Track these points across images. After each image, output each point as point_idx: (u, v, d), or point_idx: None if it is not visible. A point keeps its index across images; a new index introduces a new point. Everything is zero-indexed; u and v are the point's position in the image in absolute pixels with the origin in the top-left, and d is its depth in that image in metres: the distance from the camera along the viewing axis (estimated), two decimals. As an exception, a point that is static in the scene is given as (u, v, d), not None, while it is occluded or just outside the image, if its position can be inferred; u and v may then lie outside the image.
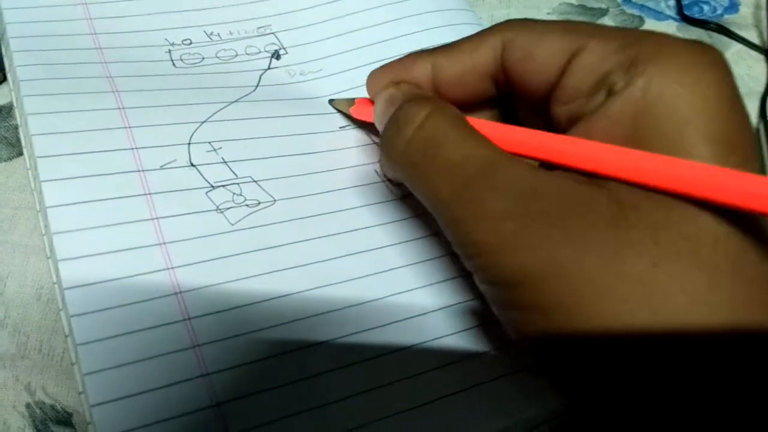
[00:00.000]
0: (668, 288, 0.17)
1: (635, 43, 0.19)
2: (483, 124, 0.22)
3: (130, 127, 0.25)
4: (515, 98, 0.25)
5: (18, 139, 0.27)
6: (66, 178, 0.23)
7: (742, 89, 0.37)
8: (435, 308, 0.24)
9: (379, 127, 0.24)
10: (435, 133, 0.21)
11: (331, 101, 0.29)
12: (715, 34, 0.39)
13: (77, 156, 0.24)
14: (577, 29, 0.21)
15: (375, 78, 0.25)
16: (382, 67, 0.25)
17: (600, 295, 0.17)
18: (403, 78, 0.24)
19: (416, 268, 0.25)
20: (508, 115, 0.25)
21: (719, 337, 0.17)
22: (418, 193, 0.21)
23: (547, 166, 0.20)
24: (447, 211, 0.20)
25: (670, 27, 0.40)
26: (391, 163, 0.22)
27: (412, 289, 0.24)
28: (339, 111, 0.29)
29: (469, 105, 0.24)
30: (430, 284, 0.25)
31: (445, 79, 0.23)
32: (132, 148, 0.24)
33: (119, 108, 0.25)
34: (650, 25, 0.39)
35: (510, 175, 0.19)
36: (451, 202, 0.20)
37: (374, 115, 0.25)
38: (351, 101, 0.28)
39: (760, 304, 0.17)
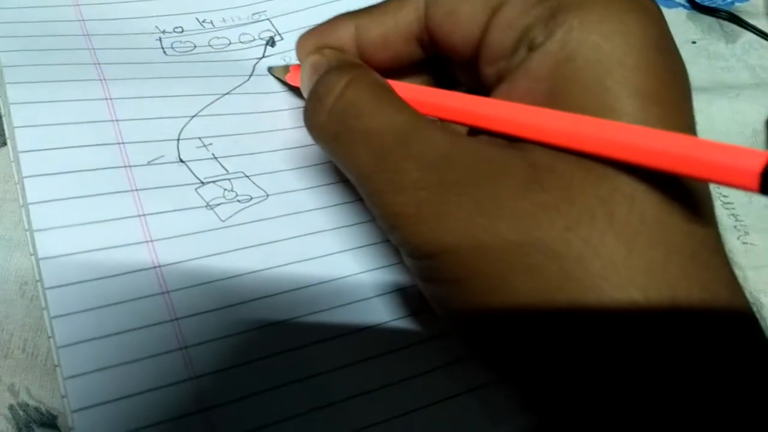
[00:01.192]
0: (581, 253, 0.16)
1: None
2: (404, 87, 0.21)
3: (117, 121, 0.24)
4: (450, 62, 0.23)
5: (2, 128, 0.26)
6: (49, 174, 0.22)
7: (753, 80, 0.37)
8: None
9: (306, 95, 0.23)
10: (354, 102, 0.20)
11: (270, 68, 0.28)
12: (725, 23, 0.38)
13: (62, 151, 0.23)
14: None
15: (301, 43, 0.24)
16: (308, 31, 0.24)
17: (512, 263, 0.17)
18: (327, 42, 0.23)
19: None
20: (445, 81, 0.24)
21: (634, 304, 0.16)
22: (340, 166, 0.20)
23: (476, 131, 0.20)
24: (367, 182, 0.19)
25: (680, 15, 0.39)
26: (313, 137, 0.21)
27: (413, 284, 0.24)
28: (277, 78, 0.28)
29: (398, 69, 0.23)
30: None
31: (369, 41, 0.22)
32: (119, 143, 0.24)
33: (106, 99, 0.24)
34: (659, 12, 0.38)
35: (425, 142, 0.18)
36: (371, 173, 0.19)
37: (300, 84, 0.24)
38: (287, 68, 0.27)
39: (681, 269, 0.16)
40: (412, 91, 0.21)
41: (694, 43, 0.37)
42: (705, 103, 0.34)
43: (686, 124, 0.18)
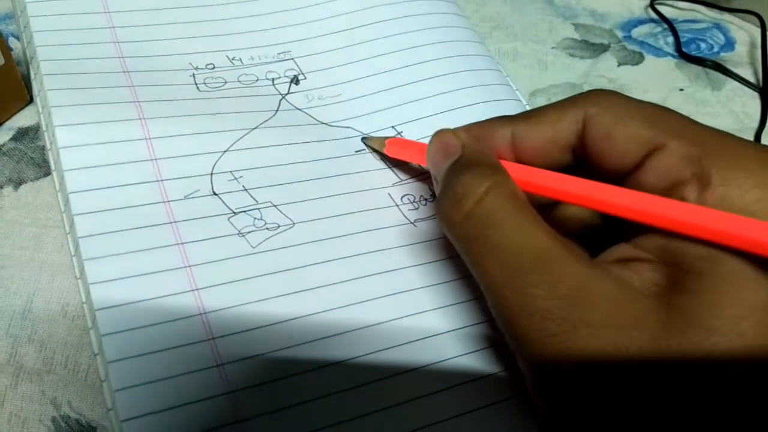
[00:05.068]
0: None
1: (715, 153, 0.19)
2: (523, 170, 0.22)
3: (156, 159, 0.26)
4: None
5: (44, 160, 0.28)
6: (97, 211, 0.24)
7: (737, 125, 0.39)
8: (447, 330, 0.25)
9: (429, 164, 0.24)
10: (493, 213, 0.20)
11: (364, 140, 0.30)
12: (711, 71, 0.41)
13: (107, 189, 0.25)
14: (661, 122, 0.21)
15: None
16: (464, 126, 0.25)
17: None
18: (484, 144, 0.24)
19: (431, 290, 0.26)
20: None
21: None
22: (470, 267, 0.21)
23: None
24: (496, 295, 0.20)
25: (669, 64, 0.41)
26: (447, 231, 0.22)
27: (425, 311, 0.25)
28: (371, 149, 0.30)
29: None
30: (444, 306, 0.26)
31: (528, 148, 0.23)
32: (158, 180, 0.26)
33: (146, 138, 0.27)
34: (649, 61, 0.41)
35: (560, 273, 0.19)
36: (501, 288, 0.20)
37: (426, 154, 0.25)
38: (383, 141, 0.29)
39: None
40: (532, 174, 0.22)
41: (681, 90, 0.40)
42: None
43: None
